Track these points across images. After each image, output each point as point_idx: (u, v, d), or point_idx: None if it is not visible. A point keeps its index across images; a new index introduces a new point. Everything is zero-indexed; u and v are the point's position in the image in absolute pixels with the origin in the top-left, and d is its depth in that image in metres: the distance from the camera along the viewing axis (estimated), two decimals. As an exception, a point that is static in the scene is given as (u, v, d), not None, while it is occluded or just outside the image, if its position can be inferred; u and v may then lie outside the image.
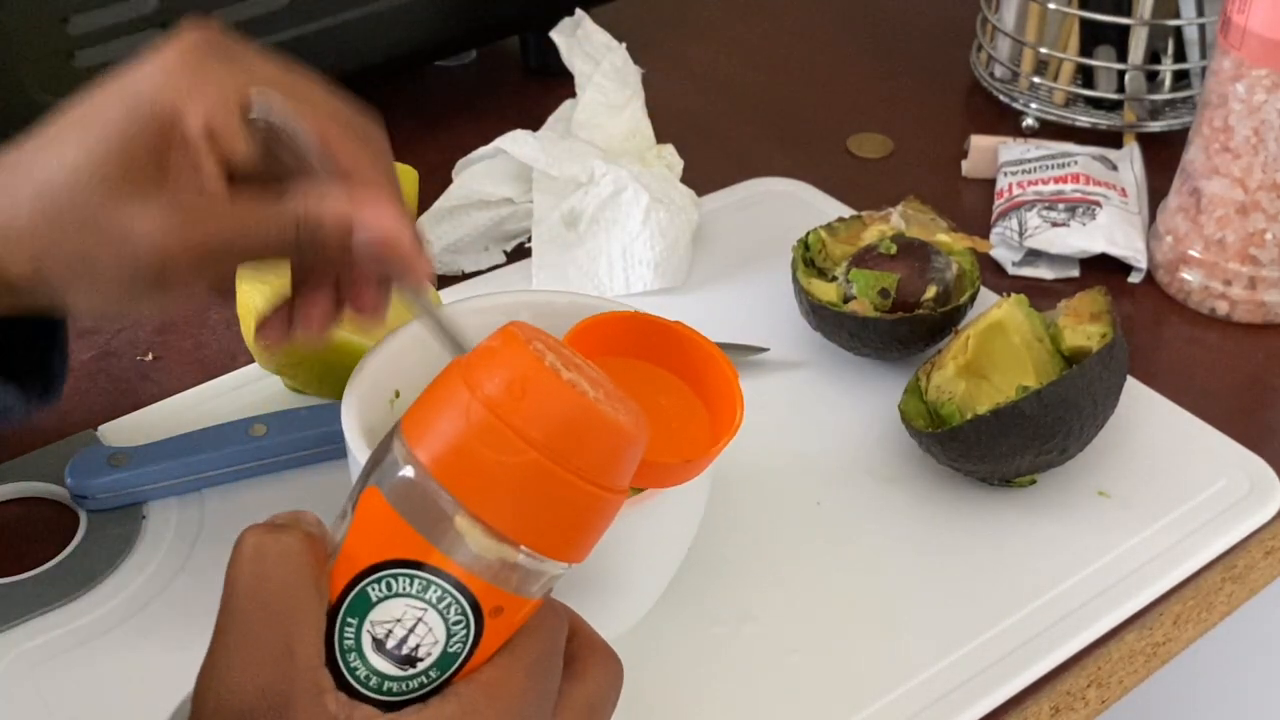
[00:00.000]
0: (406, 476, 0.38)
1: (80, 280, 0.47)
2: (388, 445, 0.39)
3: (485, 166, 0.81)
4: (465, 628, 0.38)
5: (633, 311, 0.53)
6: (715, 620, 0.59)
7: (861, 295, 0.70)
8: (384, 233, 0.47)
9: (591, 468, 0.37)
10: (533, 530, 0.37)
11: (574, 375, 0.38)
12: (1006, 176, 0.85)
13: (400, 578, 0.37)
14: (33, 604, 0.58)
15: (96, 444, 0.65)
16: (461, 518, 0.37)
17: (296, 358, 0.64)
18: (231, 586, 0.38)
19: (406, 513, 0.37)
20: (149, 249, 0.46)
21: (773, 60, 1.05)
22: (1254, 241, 0.76)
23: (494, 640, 0.38)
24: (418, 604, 0.37)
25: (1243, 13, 0.72)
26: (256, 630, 0.37)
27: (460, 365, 0.38)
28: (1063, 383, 0.61)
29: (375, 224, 0.47)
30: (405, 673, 0.38)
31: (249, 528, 0.39)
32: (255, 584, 0.38)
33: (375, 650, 0.37)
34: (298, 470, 0.65)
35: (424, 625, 0.37)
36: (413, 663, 0.37)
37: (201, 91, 0.46)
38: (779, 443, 0.68)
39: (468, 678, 0.38)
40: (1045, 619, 0.59)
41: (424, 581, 0.37)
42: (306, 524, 0.40)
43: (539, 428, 0.37)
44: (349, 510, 0.39)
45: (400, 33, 0.86)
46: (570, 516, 0.38)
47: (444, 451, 0.37)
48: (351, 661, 0.37)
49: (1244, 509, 0.65)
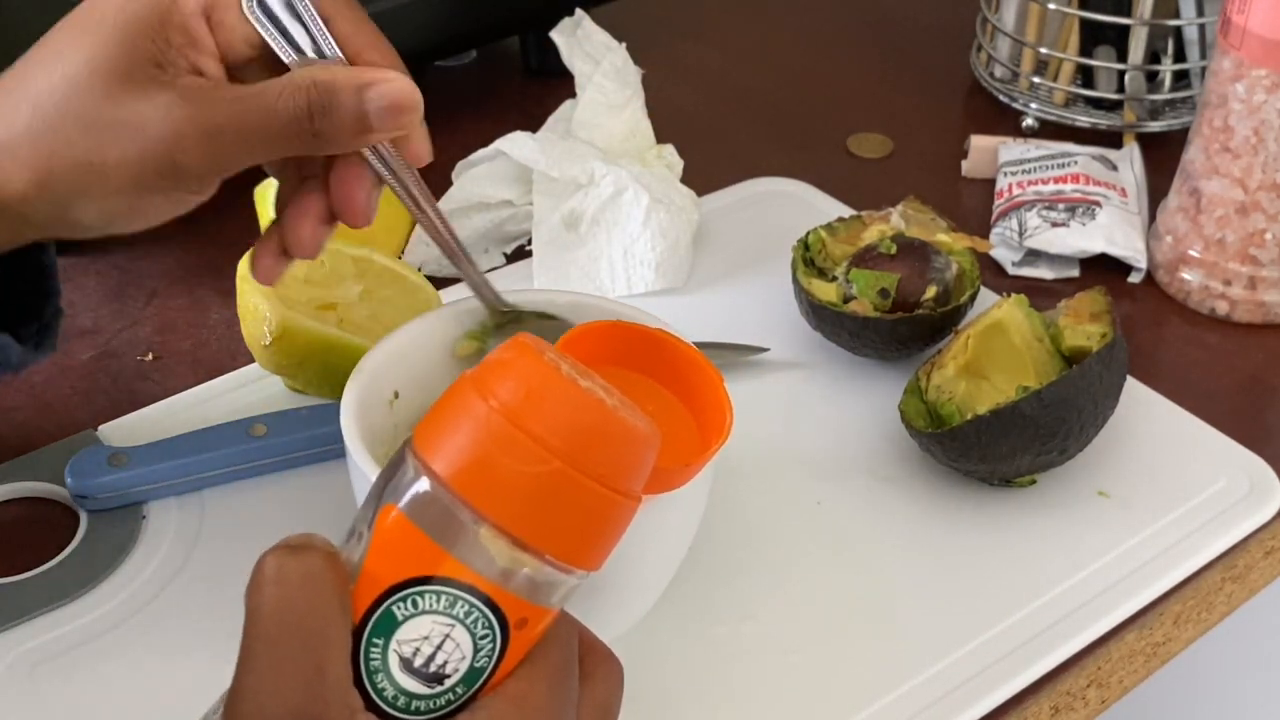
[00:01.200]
0: (425, 492, 0.37)
1: (88, 186, 0.47)
2: (400, 461, 0.38)
3: (485, 169, 0.81)
4: (492, 641, 0.37)
5: (614, 321, 0.53)
6: (715, 620, 0.59)
7: (861, 295, 0.70)
8: (399, 93, 0.47)
9: (612, 474, 0.37)
10: (556, 539, 0.37)
11: (589, 383, 0.38)
12: (1006, 176, 0.85)
13: (427, 594, 0.37)
14: (33, 604, 0.58)
15: (96, 444, 0.65)
16: (486, 530, 0.37)
17: (297, 357, 0.64)
18: (256, 610, 0.38)
19: (428, 528, 0.37)
20: (157, 138, 0.45)
21: (773, 60, 1.05)
22: (1254, 241, 0.76)
23: (517, 653, 0.38)
24: (445, 620, 0.37)
25: (1243, 13, 0.72)
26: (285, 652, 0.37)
27: (471, 378, 0.38)
28: (1063, 383, 0.61)
29: (389, 86, 0.47)
30: (433, 690, 0.37)
31: (268, 551, 0.39)
32: (281, 606, 0.37)
33: (403, 669, 0.37)
34: (298, 470, 0.65)
35: (451, 641, 0.37)
36: (440, 680, 0.37)
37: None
38: (779, 443, 0.68)
39: (494, 692, 0.38)
40: (1045, 619, 0.59)
41: (451, 597, 0.37)
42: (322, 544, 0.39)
43: (560, 436, 0.37)
44: (364, 530, 0.38)
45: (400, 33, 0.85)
46: (592, 524, 0.38)
47: (464, 464, 0.37)
48: (379, 682, 0.37)
49: (1244, 509, 0.65)
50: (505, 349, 0.39)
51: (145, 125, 0.46)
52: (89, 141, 0.46)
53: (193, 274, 0.79)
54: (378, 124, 0.48)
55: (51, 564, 0.60)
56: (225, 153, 0.47)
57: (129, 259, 0.80)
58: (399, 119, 0.48)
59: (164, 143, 0.46)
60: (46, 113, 0.46)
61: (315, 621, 0.37)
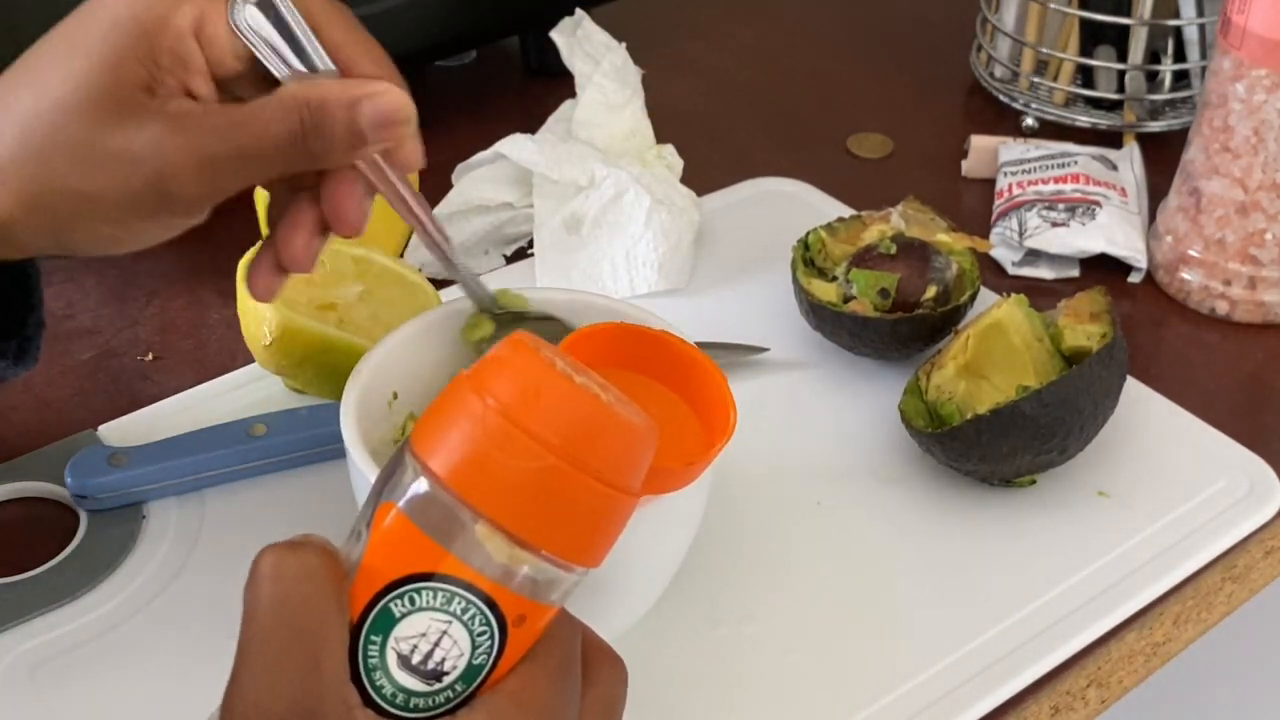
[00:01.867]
0: (423, 489, 0.37)
1: (77, 214, 0.46)
2: (399, 460, 0.38)
3: (485, 171, 0.81)
4: (490, 638, 0.37)
5: (617, 323, 0.53)
6: (715, 620, 0.59)
7: (861, 295, 0.70)
8: (391, 105, 0.47)
9: (609, 470, 0.37)
10: (553, 535, 0.37)
11: (585, 379, 0.38)
12: (1006, 176, 0.85)
13: (424, 591, 0.37)
14: (33, 604, 0.58)
15: (96, 444, 0.65)
16: (482, 527, 0.37)
17: (297, 357, 0.64)
18: (253, 606, 0.38)
19: (425, 526, 0.37)
20: (149, 169, 0.45)
21: (773, 60, 1.05)
22: (1254, 241, 0.76)
23: (517, 650, 0.38)
24: (442, 617, 0.37)
25: (1242, 13, 0.72)
26: (281, 648, 0.37)
27: (468, 377, 0.38)
28: (1063, 383, 0.61)
29: (381, 100, 0.47)
30: (431, 688, 0.37)
31: (265, 548, 0.39)
32: (277, 602, 0.37)
33: (400, 666, 0.37)
34: (298, 470, 0.65)
35: (449, 638, 0.37)
36: (439, 677, 0.37)
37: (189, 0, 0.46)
38: (779, 443, 0.68)
39: (494, 688, 0.38)
40: (1045, 619, 0.59)
41: (448, 594, 0.37)
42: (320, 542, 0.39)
43: (556, 432, 0.37)
44: (363, 530, 0.38)
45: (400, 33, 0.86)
46: (589, 520, 0.38)
47: (461, 461, 0.37)
48: (377, 679, 0.37)
49: (1244, 509, 0.65)
50: (501, 347, 0.39)
51: (136, 156, 0.45)
52: (79, 172, 0.45)
53: (193, 274, 0.79)
54: (371, 137, 0.48)
55: (51, 564, 0.60)
56: (219, 180, 0.47)
57: (129, 259, 0.80)
58: (392, 131, 0.48)
59: (156, 173, 0.45)
60: (34, 140, 0.45)
61: (312, 617, 0.37)
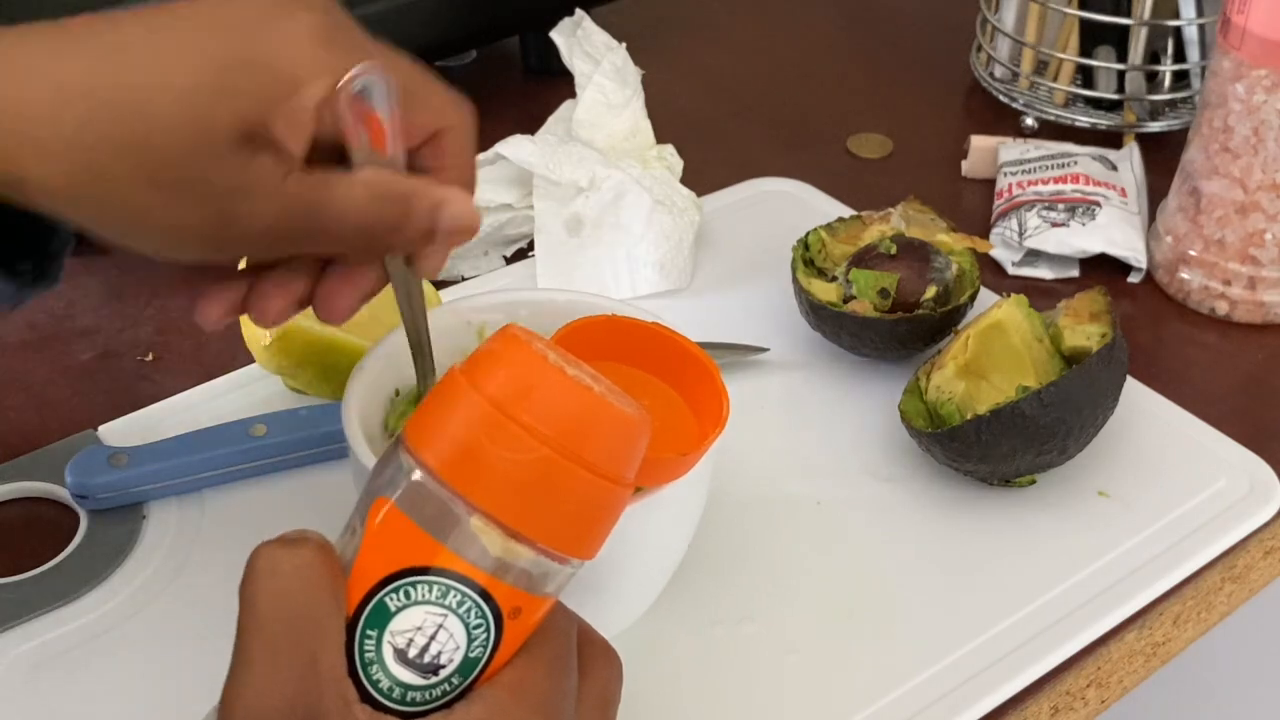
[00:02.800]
0: (417, 483, 0.37)
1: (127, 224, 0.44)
2: (393, 454, 0.39)
3: (484, 173, 0.81)
4: (485, 631, 0.37)
5: (609, 315, 0.53)
6: (715, 620, 0.59)
7: (861, 295, 0.70)
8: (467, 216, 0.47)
9: (602, 461, 0.37)
10: (547, 527, 0.37)
11: (577, 372, 0.38)
12: (1006, 176, 0.85)
13: (419, 585, 0.37)
14: (33, 604, 0.58)
15: (96, 444, 0.65)
16: (476, 519, 0.37)
17: (297, 357, 0.64)
18: (250, 602, 0.38)
19: (420, 519, 0.37)
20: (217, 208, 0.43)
21: (773, 60, 1.05)
22: (1254, 241, 0.76)
23: (513, 643, 0.38)
24: (438, 610, 0.37)
25: (1242, 13, 0.72)
26: (279, 644, 0.37)
27: (462, 369, 0.38)
28: (1063, 383, 0.61)
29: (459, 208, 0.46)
30: (428, 681, 0.37)
31: (261, 544, 0.39)
32: (274, 598, 0.37)
33: (397, 660, 0.37)
34: (298, 470, 0.65)
35: (445, 631, 0.37)
36: (435, 670, 0.37)
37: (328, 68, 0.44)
38: (779, 443, 0.68)
39: (491, 681, 0.38)
40: (1045, 619, 0.59)
41: (443, 587, 0.37)
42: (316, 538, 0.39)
43: (549, 424, 0.37)
44: (358, 525, 0.39)
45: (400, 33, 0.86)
46: (583, 511, 0.38)
47: (454, 454, 0.37)
48: (374, 674, 0.37)
49: (1244, 509, 0.64)
50: (494, 340, 0.39)
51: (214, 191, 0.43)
52: (151, 196, 0.43)
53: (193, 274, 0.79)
54: (441, 242, 0.47)
55: (51, 564, 0.60)
56: (277, 244, 0.46)
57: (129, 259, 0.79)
58: (460, 240, 0.48)
59: (221, 215, 0.44)
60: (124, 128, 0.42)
61: (308, 613, 0.37)
